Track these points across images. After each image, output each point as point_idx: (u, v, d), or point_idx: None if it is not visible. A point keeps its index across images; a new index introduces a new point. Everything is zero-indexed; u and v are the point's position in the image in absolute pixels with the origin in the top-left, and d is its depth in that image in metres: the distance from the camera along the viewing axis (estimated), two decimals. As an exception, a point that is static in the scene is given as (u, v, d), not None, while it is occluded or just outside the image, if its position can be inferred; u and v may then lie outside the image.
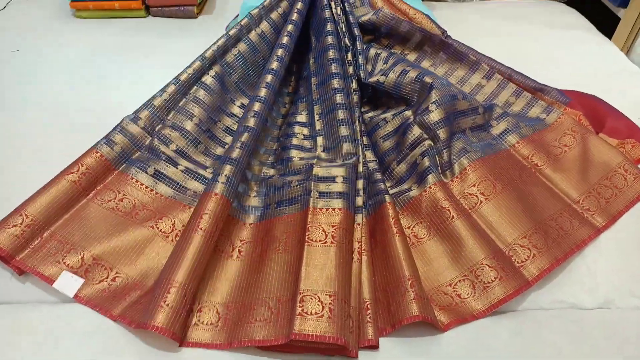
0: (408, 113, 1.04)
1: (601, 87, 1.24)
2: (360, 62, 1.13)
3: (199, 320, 0.77)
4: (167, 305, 0.71)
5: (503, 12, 1.68)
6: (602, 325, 0.81)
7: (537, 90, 1.18)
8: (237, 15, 1.47)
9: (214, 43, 1.12)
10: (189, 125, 1.02)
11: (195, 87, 1.07)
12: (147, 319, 0.71)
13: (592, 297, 0.85)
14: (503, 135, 1.08)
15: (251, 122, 0.96)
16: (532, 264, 0.85)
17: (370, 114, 1.14)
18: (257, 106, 0.99)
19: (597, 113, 1.14)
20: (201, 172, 0.98)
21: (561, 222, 0.92)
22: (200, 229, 0.79)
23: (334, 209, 0.85)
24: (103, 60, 1.38)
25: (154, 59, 1.39)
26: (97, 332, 0.76)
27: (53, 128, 1.13)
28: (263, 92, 1.01)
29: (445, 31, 1.31)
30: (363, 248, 0.84)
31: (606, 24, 1.60)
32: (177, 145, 0.99)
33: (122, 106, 1.17)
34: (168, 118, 1.03)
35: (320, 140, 1.02)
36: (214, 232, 0.81)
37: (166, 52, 1.42)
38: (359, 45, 1.16)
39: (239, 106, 1.13)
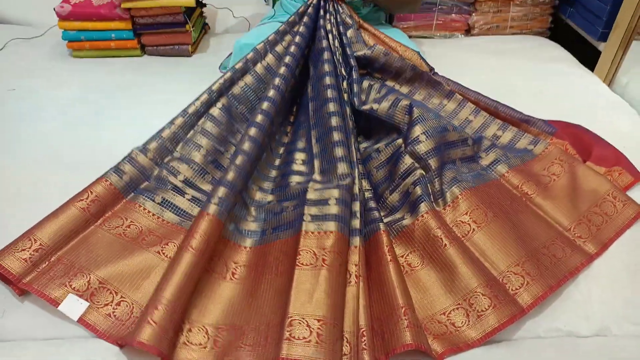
0: (399, 142, 1.07)
1: (585, 118, 1.27)
2: (355, 91, 1.17)
3: (187, 340, 0.76)
4: (154, 322, 0.71)
5: (488, 47, 1.74)
6: (599, 353, 0.81)
7: (523, 122, 1.20)
8: (231, 54, 1.51)
9: (221, 77, 1.15)
10: (196, 157, 1.04)
11: (203, 119, 1.10)
12: (133, 335, 0.70)
13: (588, 325, 0.85)
14: (492, 166, 1.10)
15: (246, 145, 0.98)
16: (526, 291, 0.85)
17: (364, 145, 1.16)
18: (252, 131, 1.01)
19: (583, 142, 1.17)
20: None
21: (553, 249, 0.93)
22: (191, 247, 0.80)
23: (325, 232, 0.85)
24: (99, 98, 1.40)
25: (150, 96, 1.41)
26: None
27: (48, 166, 1.13)
28: (259, 118, 1.04)
29: (433, 68, 1.35)
30: (360, 273, 0.84)
31: (588, 57, 1.65)
32: (184, 176, 1.01)
33: (117, 144, 1.18)
34: (176, 150, 1.05)
35: (316, 163, 1.04)
36: (204, 250, 0.82)
37: (161, 90, 1.45)
38: (354, 74, 1.19)
39: None
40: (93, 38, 1.60)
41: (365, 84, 1.21)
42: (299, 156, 1.10)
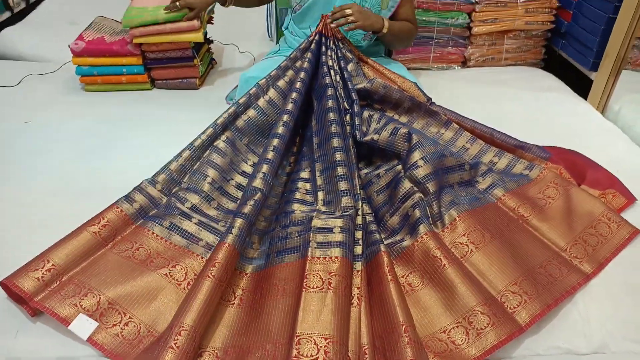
0: (399, 167, 1.11)
1: (579, 144, 1.31)
2: (357, 124, 1.22)
3: None
4: (177, 347, 0.74)
5: (484, 78, 1.80)
6: (600, 370, 0.82)
7: (518, 148, 1.24)
8: (237, 86, 1.57)
9: (225, 111, 1.22)
10: (203, 186, 1.09)
11: (209, 151, 1.16)
12: (154, 358, 0.73)
13: (587, 343, 0.87)
14: (489, 190, 1.14)
15: (260, 184, 1.03)
16: (524, 309, 0.87)
17: (364, 171, 1.20)
18: (265, 168, 1.06)
19: (577, 166, 1.21)
20: (213, 225, 1.03)
21: (550, 269, 0.95)
22: (212, 276, 0.84)
23: (331, 257, 0.89)
24: (110, 129, 1.46)
25: (159, 127, 1.47)
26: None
27: (62, 194, 1.18)
28: (270, 155, 1.09)
29: (430, 98, 1.40)
30: (362, 294, 0.87)
31: (581, 86, 1.71)
32: (191, 203, 1.06)
33: (127, 173, 1.23)
34: (184, 181, 1.11)
35: (320, 195, 1.08)
36: (222, 278, 0.86)
37: (170, 121, 1.50)
38: (356, 108, 1.25)
39: (250, 165, 1.20)
40: (105, 73, 1.67)
41: (366, 114, 1.27)
42: (302, 185, 1.14)
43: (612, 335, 0.87)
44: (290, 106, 1.20)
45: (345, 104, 1.27)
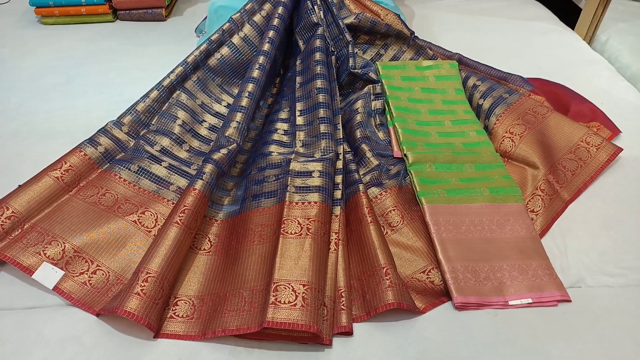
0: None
1: (565, 75, 1.27)
2: (350, 64, 1.16)
3: (174, 314, 0.77)
4: (144, 293, 0.72)
5: (467, 8, 1.72)
6: (574, 303, 0.82)
7: (502, 79, 1.21)
8: (207, 17, 1.47)
9: (196, 48, 1.13)
10: (173, 128, 1.03)
11: (178, 91, 1.08)
12: (117, 304, 0.71)
13: (564, 277, 0.87)
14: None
15: (234, 133, 0.98)
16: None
17: (341, 105, 1.15)
18: (239, 117, 1.00)
19: (560, 98, 1.17)
20: (185, 168, 0.98)
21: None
22: (181, 222, 0.80)
23: (309, 202, 0.85)
24: (71, 66, 1.36)
25: (123, 62, 1.38)
26: (69, 338, 0.74)
27: (21, 135, 1.11)
28: (245, 102, 1.03)
29: (413, 32, 1.34)
30: (340, 239, 0.85)
31: (569, 15, 1.64)
32: (161, 146, 1.00)
33: (90, 111, 1.16)
34: (152, 123, 1.04)
35: (300, 135, 1.03)
36: (191, 225, 0.82)
37: (136, 56, 1.41)
38: (350, 49, 1.19)
39: (225, 106, 1.14)
40: (62, 3, 1.54)
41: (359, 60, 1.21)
42: (281, 126, 1.08)
43: (588, 269, 0.88)
44: (267, 47, 1.12)
45: (331, 46, 1.20)
